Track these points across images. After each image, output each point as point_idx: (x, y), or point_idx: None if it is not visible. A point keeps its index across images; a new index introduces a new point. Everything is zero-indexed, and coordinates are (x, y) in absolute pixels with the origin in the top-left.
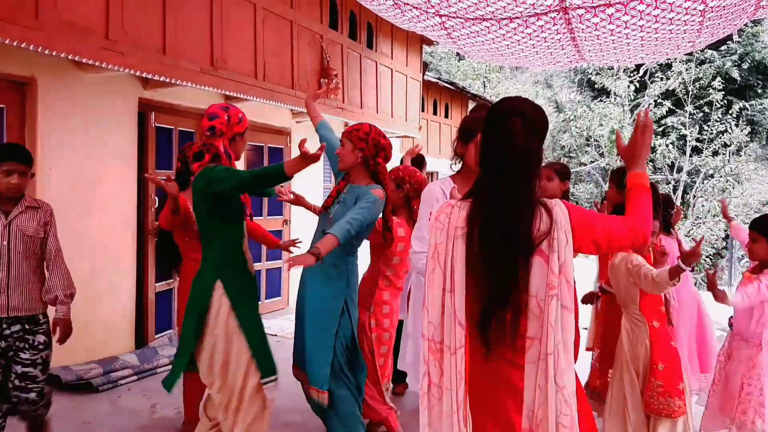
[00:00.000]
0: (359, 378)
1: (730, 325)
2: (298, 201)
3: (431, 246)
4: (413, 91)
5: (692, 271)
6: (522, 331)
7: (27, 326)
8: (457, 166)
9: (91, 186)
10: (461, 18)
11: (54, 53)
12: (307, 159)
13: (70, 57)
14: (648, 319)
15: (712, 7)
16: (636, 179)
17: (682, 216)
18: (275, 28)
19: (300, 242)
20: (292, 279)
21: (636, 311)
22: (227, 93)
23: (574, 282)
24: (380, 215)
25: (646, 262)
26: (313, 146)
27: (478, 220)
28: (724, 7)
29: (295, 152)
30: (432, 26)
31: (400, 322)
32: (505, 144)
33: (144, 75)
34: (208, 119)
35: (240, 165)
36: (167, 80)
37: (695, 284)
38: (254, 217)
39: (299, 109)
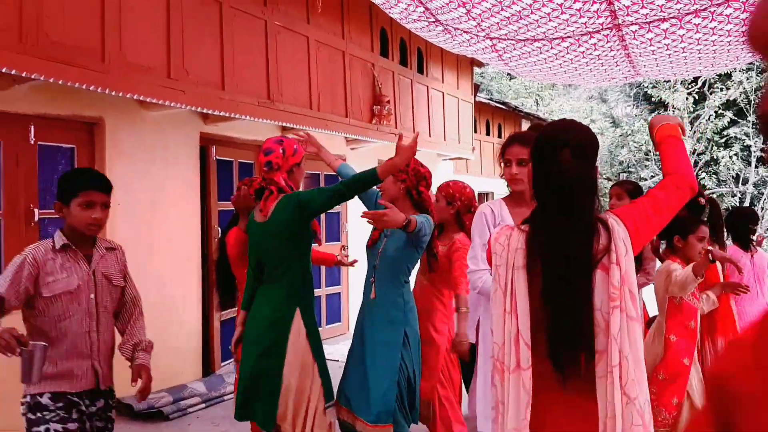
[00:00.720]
0: (415, 415)
1: None
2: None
3: (493, 268)
4: (465, 113)
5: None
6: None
7: (109, 401)
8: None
9: (157, 220)
10: (512, 40)
11: (120, 94)
12: (401, 155)
13: (135, 97)
14: (667, 332)
15: None
16: (665, 131)
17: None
18: (328, 59)
19: (357, 262)
20: (352, 304)
21: (661, 320)
22: (283, 124)
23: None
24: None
25: (679, 267)
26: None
27: (539, 250)
28: None
29: None
30: (483, 49)
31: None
32: (557, 177)
33: (204, 111)
34: (264, 154)
35: None
36: (227, 115)
37: None
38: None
39: (353, 136)
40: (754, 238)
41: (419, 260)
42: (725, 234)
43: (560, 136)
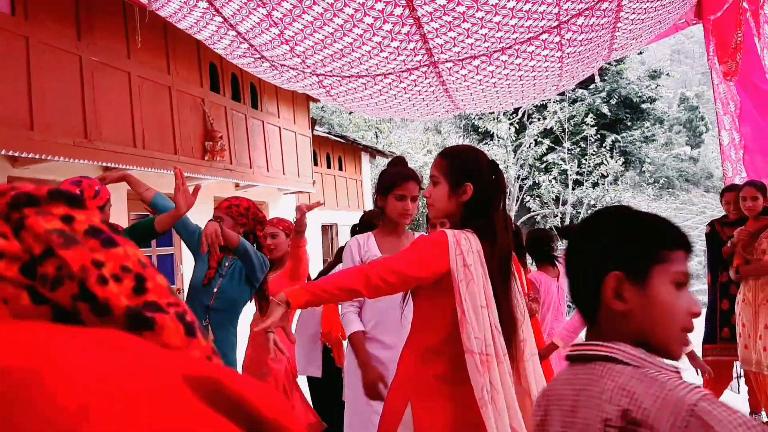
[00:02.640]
0: None
1: None
2: None
3: (459, 266)
4: (303, 147)
5: None
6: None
7: None
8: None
9: None
10: (338, 76)
11: None
12: (181, 205)
13: None
14: None
15: (569, 54)
16: None
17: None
18: (153, 95)
19: None
20: None
21: None
22: (104, 164)
23: None
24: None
25: None
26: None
27: (493, 247)
28: (579, 53)
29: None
30: (311, 85)
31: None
32: (503, 193)
33: (11, 153)
34: None
35: None
36: (37, 156)
37: None
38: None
39: (187, 174)
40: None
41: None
42: (527, 259)
43: (488, 157)
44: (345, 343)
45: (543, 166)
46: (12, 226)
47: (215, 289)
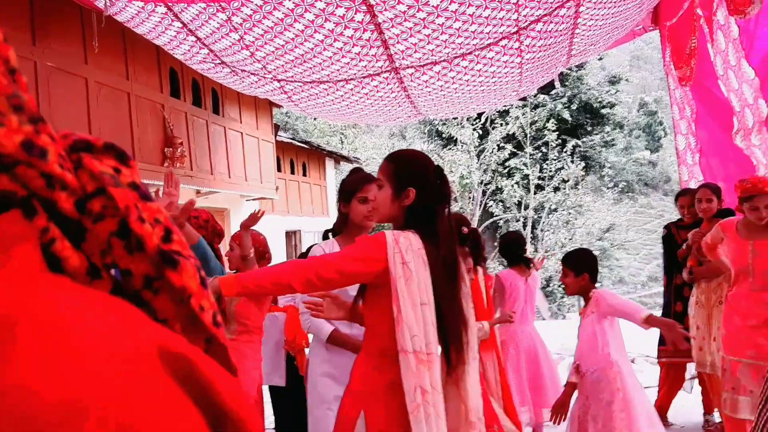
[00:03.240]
0: None
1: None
2: None
3: (397, 264)
4: (266, 153)
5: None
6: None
7: None
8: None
9: None
10: (299, 82)
11: None
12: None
13: None
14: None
15: (528, 60)
16: None
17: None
18: (111, 101)
19: None
20: None
21: None
22: None
23: None
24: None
25: None
26: None
27: (433, 250)
28: (538, 59)
29: None
30: (272, 90)
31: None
32: (447, 192)
33: None
34: None
35: None
36: None
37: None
38: None
39: (145, 181)
40: (536, 258)
41: None
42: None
43: (434, 163)
44: (308, 350)
45: (506, 171)
46: (72, 164)
47: None
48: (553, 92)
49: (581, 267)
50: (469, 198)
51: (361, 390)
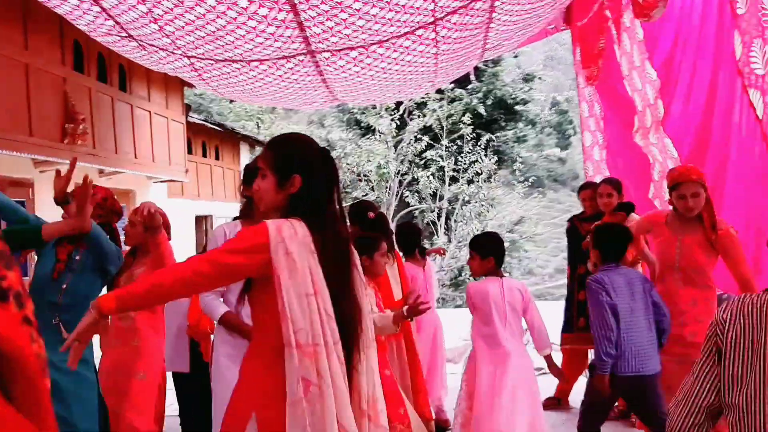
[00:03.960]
0: None
1: None
2: None
3: (281, 255)
4: (176, 134)
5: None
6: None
7: None
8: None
9: None
10: (210, 59)
11: None
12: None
13: None
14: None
15: (443, 51)
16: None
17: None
18: (6, 72)
19: None
20: None
21: None
22: None
23: None
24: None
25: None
26: None
27: (321, 238)
28: (453, 50)
29: (39, 204)
30: (182, 67)
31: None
32: (336, 178)
33: None
34: None
35: None
36: None
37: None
38: None
39: (42, 157)
40: (434, 246)
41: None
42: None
43: (319, 146)
44: (213, 336)
45: (422, 162)
46: None
47: (64, 285)
48: (469, 87)
49: (487, 251)
50: (386, 188)
51: (251, 390)
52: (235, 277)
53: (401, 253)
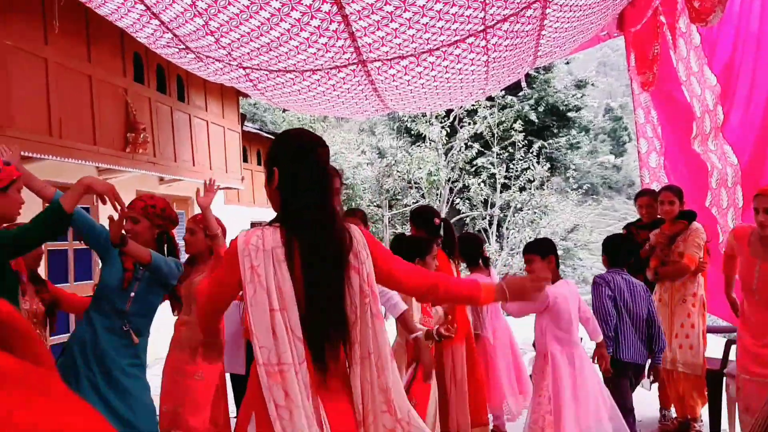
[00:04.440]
0: None
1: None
2: None
3: (246, 269)
4: (232, 143)
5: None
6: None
7: None
8: None
9: None
10: (265, 70)
11: None
12: (90, 186)
13: None
14: (409, 357)
15: (494, 58)
16: (485, 287)
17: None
18: (71, 83)
19: None
20: None
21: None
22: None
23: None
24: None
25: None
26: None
27: (298, 242)
28: (504, 57)
29: (103, 211)
30: (237, 78)
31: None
32: (318, 175)
33: None
34: None
35: None
36: None
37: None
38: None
39: (105, 165)
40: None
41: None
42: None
43: (314, 139)
44: None
45: (473, 169)
46: None
47: (132, 293)
48: (520, 94)
49: (546, 249)
50: (437, 195)
51: (252, 391)
52: (225, 296)
53: (464, 264)
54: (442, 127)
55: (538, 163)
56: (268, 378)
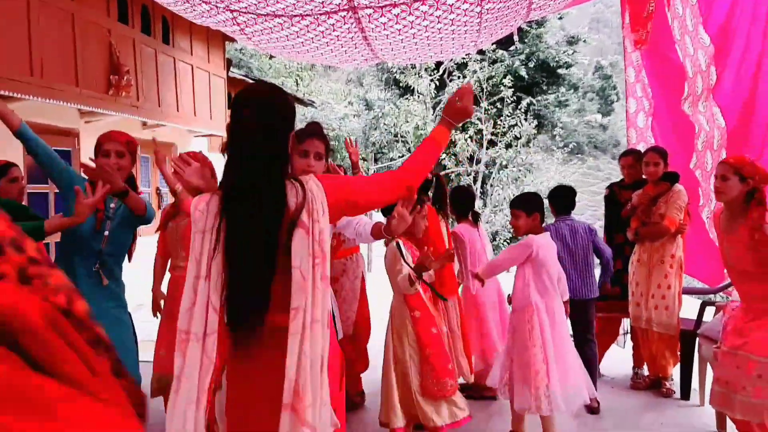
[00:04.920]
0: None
1: (509, 301)
2: None
3: (193, 234)
4: (217, 89)
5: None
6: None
7: None
8: None
9: None
10: (253, 14)
11: None
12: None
13: None
14: (410, 310)
15: (487, 9)
16: (435, 132)
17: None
18: (54, 22)
19: None
20: None
21: (401, 299)
22: None
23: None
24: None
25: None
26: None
27: (226, 211)
28: (498, 9)
29: (84, 154)
30: (224, 21)
31: None
32: (241, 133)
33: None
34: None
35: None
36: None
37: None
38: None
39: (88, 108)
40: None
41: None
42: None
43: (247, 95)
44: None
45: (460, 124)
46: None
47: (106, 233)
48: (511, 48)
49: (533, 206)
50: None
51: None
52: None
53: (453, 217)
54: (432, 80)
55: (525, 120)
56: (177, 344)
